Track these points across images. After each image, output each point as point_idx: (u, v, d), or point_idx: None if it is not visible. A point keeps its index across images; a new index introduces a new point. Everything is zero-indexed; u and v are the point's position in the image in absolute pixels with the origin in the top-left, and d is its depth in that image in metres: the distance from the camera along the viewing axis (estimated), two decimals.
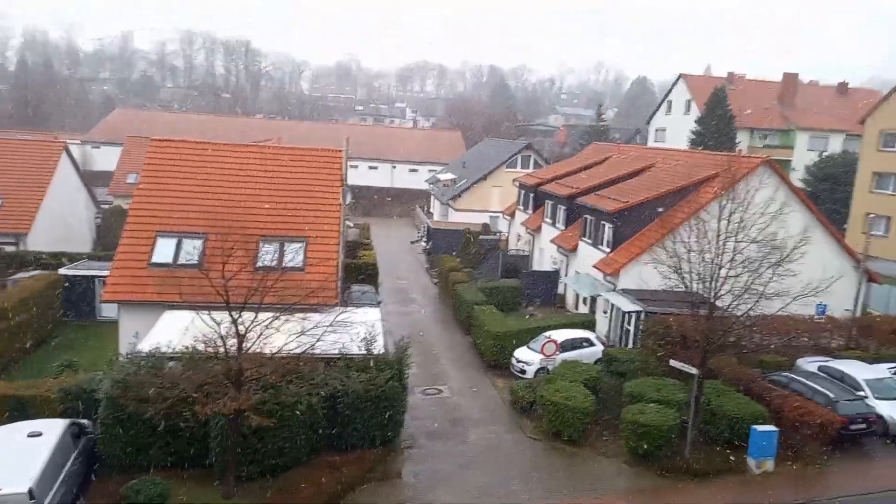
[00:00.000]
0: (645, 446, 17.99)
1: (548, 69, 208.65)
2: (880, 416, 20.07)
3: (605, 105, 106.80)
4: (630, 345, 25.83)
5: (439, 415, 21.29)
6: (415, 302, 35.86)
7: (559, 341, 23.59)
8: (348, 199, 37.32)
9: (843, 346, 26.29)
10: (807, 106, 68.43)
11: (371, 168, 74.80)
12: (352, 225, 46.53)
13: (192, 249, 21.81)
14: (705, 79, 75.55)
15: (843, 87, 73.24)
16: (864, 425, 19.45)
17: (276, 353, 15.62)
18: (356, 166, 68.90)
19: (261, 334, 15.42)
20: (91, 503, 15.31)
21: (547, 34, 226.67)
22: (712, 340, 19.39)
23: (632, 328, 25.98)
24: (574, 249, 33.41)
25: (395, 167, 76.74)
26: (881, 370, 22.69)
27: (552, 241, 36.30)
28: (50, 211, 36.21)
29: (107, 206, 45.73)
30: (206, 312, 15.37)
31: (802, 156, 63.60)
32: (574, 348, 24.55)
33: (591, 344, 25.30)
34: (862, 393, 20.73)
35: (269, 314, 15.80)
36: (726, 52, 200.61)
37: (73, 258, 31.84)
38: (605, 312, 28.64)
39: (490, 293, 31.36)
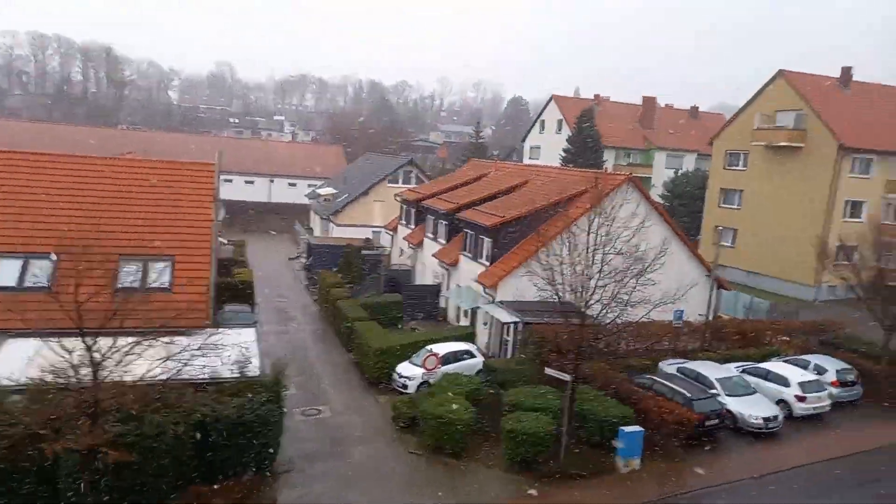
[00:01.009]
0: (523, 454, 18.51)
1: (429, 86, 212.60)
2: (730, 412, 22.01)
3: (483, 123, 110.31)
4: (509, 355, 26.57)
5: (319, 436, 20.71)
6: (294, 320, 34.83)
7: (440, 354, 23.81)
8: (221, 214, 35.75)
9: (699, 349, 28.63)
10: (664, 127, 74.56)
11: (247, 182, 72.14)
12: (226, 242, 44.49)
13: (39, 271, 19.84)
14: (574, 100, 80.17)
15: (694, 111, 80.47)
16: (717, 421, 21.21)
17: (137, 380, 14.52)
18: (231, 180, 66.24)
19: (120, 361, 14.27)
20: None
21: (428, 52, 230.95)
22: (584, 347, 20.44)
23: (511, 339, 26.76)
24: (455, 263, 33.98)
25: (273, 181, 74.50)
26: (730, 369, 24.90)
27: (434, 255, 36.72)
28: None
29: None
30: (56, 340, 14.01)
31: (661, 173, 69.14)
32: (456, 361, 24.85)
33: (472, 356, 25.75)
34: (714, 391, 22.62)
35: (131, 339, 14.67)
36: (593, 74, 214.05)
37: None
38: (485, 324, 29.30)
39: (372, 309, 31.10)
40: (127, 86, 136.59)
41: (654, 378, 23.11)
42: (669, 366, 25.37)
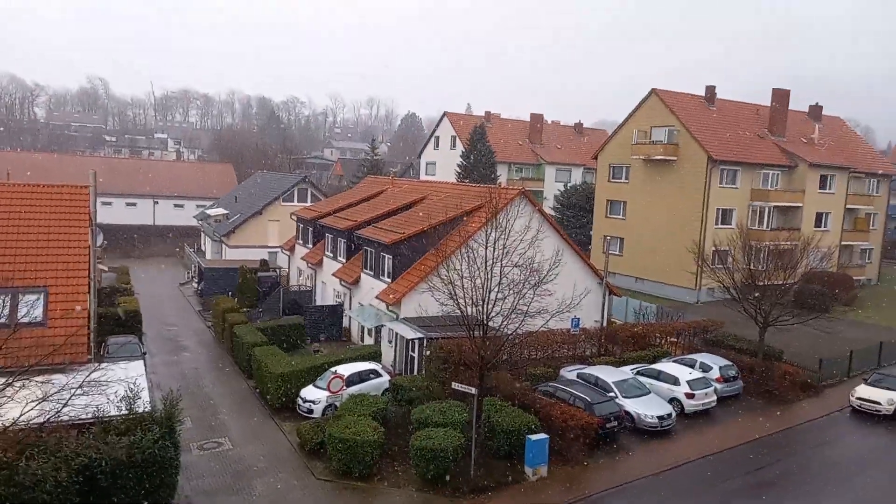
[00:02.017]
0: (433, 471, 18.42)
1: (321, 102, 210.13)
2: (628, 413, 23.06)
3: (378, 139, 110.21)
4: (415, 372, 26.48)
5: (219, 470, 19.60)
6: (187, 349, 32.92)
7: (346, 376, 23.33)
8: (100, 240, 33.39)
9: (596, 354, 29.86)
10: (551, 142, 77.87)
11: (129, 205, 67.74)
12: (107, 269, 41.51)
13: None
14: (467, 117, 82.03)
15: (579, 127, 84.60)
16: (616, 423, 22.13)
17: (10, 426, 13.14)
18: (110, 203, 62.03)
19: None
20: None
21: (318, 67, 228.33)
22: (487, 359, 20.77)
23: (416, 355, 26.69)
24: (356, 282, 33.53)
25: (157, 203, 70.39)
26: (625, 372, 26.13)
27: (334, 274, 36.07)
28: None
29: None
30: None
31: (552, 186, 72.05)
32: (361, 381, 24.42)
33: (378, 375, 25.40)
34: (612, 394, 23.63)
35: (2, 380, 13.26)
36: (482, 91, 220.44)
37: None
38: (390, 342, 29.06)
39: (272, 332, 30.01)
40: None
41: (557, 385, 23.81)
42: (570, 372, 26.25)
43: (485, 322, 20.70)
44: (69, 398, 14.24)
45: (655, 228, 48.76)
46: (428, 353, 25.38)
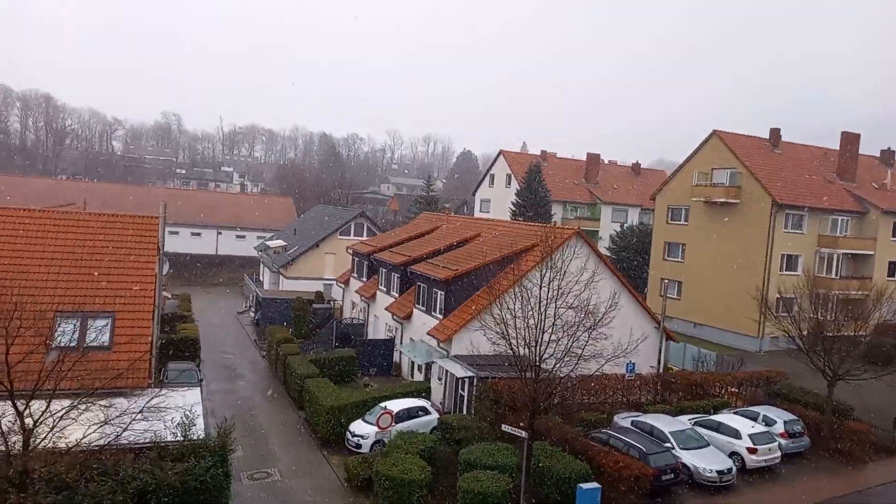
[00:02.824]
0: None
1: (380, 139, 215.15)
2: (685, 465, 22.09)
3: (434, 176, 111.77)
4: (465, 411, 26.19)
5: (268, 500, 19.71)
6: (242, 378, 33.60)
7: (395, 412, 23.26)
8: (166, 269, 34.66)
9: (651, 401, 28.88)
10: (608, 182, 77.20)
11: (194, 235, 70.47)
12: (170, 296, 43.04)
13: None
14: (522, 155, 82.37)
15: (636, 167, 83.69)
16: (672, 475, 21.22)
17: (73, 447, 13.59)
18: (177, 233, 64.63)
19: (54, 426, 13.36)
20: None
21: (378, 105, 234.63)
22: (538, 402, 20.35)
23: (466, 394, 26.43)
24: (408, 317, 33.66)
25: (220, 233, 72.99)
26: (683, 422, 25.13)
27: (387, 308, 36.34)
28: None
29: None
30: None
31: (607, 227, 71.12)
32: (410, 418, 24.32)
33: (427, 412, 25.25)
34: (668, 444, 22.72)
35: (66, 402, 13.79)
36: (538, 130, 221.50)
37: None
38: (439, 379, 28.91)
39: (324, 365, 30.34)
40: (68, 135, 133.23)
41: (610, 432, 23.09)
42: (624, 419, 25.44)
43: (537, 364, 20.36)
44: (129, 423, 14.64)
45: (716, 272, 47.31)
46: (477, 392, 25.09)
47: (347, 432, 23.97)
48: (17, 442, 13.05)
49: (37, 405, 13.35)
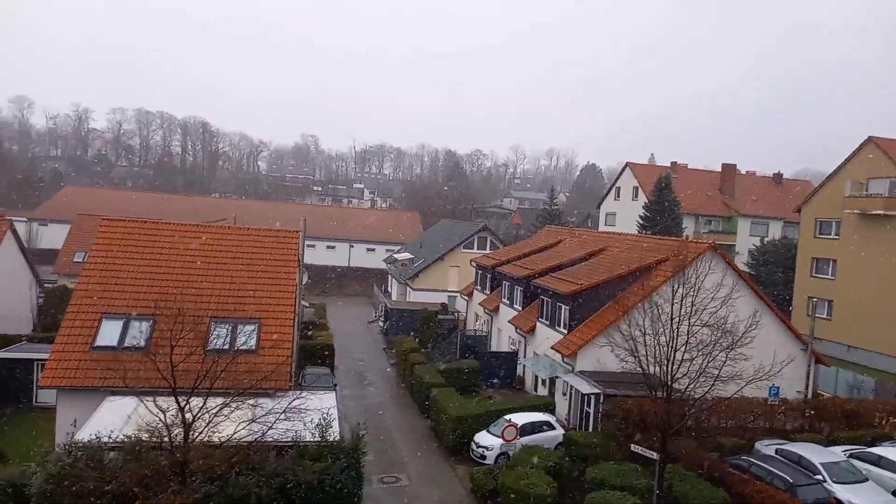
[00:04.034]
0: None
1: (502, 153, 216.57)
2: (839, 501, 20.09)
3: (557, 189, 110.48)
4: (590, 428, 25.58)
5: None
6: (372, 384, 35.00)
7: (519, 425, 23.19)
8: (305, 279, 36.90)
9: (799, 429, 26.58)
10: (746, 194, 72.33)
11: (329, 248, 74.70)
12: (307, 305, 45.77)
13: (138, 332, 20.98)
14: (650, 167, 79.37)
15: (778, 178, 77.82)
16: None
17: (224, 442, 14.84)
18: (313, 246, 68.69)
19: (209, 422, 14.68)
20: None
21: (500, 122, 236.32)
22: (671, 423, 19.42)
23: (592, 411, 25.81)
24: (532, 331, 33.49)
25: (352, 247, 76.80)
26: (836, 453, 22.90)
27: (510, 321, 36.38)
28: None
29: (50, 285, 43.96)
30: (151, 399, 14.62)
31: (745, 241, 66.58)
32: (534, 432, 24.15)
33: (552, 427, 24.94)
34: (819, 477, 20.79)
35: (219, 400, 15.10)
36: (666, 141, 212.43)
37: (11, 340, 30.20)
38: (564, 395, 28.46)
39: (449, 375, 30.90)
40: (220, 157, 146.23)
41: (751, 460, 21.54)
42: (767, 447, 23.62)
43: (669, 383, 19.47)
44: (273, 422, 15.77)
45: (874, 291, 42.76)
46: (604, 410, 24.41)
47: (472, 443, 24.22)
48: (178, 434, 14.41)
49: (195, 402, 14.69)
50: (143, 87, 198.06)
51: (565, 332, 29.77)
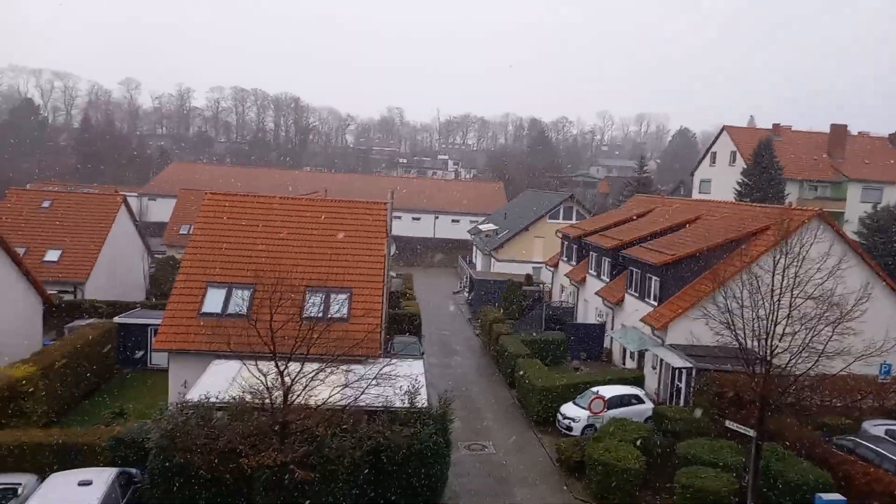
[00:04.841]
0: None
1: (589, 120, 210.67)
2: None
3: (647, 156, 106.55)
4: (681, 403, 24.92)
5: (483, 472, 20.74)
6: (457, 354, 35.54)
7: (607, 398, 22.92)
8: (392, 250, 37.68)
9: None
10: (857, 157, 66.86)
11: (414, 219, 75.78)
12: (395, 275, 46.80)
13: (240, 300, 22.21)
14: (749, 130, 74.76)
15: (894, 138, 71.40)
16: None
17: (320, 405, 15.57)
18: (399, 217, 69.83)
19: (306, 386, 15.42)
20: None
21: (587, 87, 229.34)
22: (770, 400, 18.58)
23: (683, 385, 25.12)
24: (620, 302, 32.81)
25: (437, 218, 77.56)
26: None
27: (597, 293, 35.78)
28: (107, 260, 37.63)
29: (160, 256, 47.25)
30: (253, 363, 15.51)
31: (855, 208, 61.77)
32: (622, 405, 23.81)
33: (641, 401, 24.51)
34: None
35: (315, 365, 15.81)
36: (765, 103, 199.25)
37: (127, 307, 32.78)
38: (654, 368, 27.82)
39: (534, 346, 30.89)
40: (310, 132, 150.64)
41: (858, 440, 20.33)
42: (876, 427, 22.21)
43: (768, 358, 18.58)
44: (366, 387, 16.38)
45: None
46: (697, 384, 23.68)
47: (558, 414, 24.22)
48: (278, 397, 15.24)
49: (292, 366, 15.46)
50: (238, 65, 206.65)
51: (655, 304, 28.96)
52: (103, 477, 15.33)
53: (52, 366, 22.64)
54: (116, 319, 29.61)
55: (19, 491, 15.53)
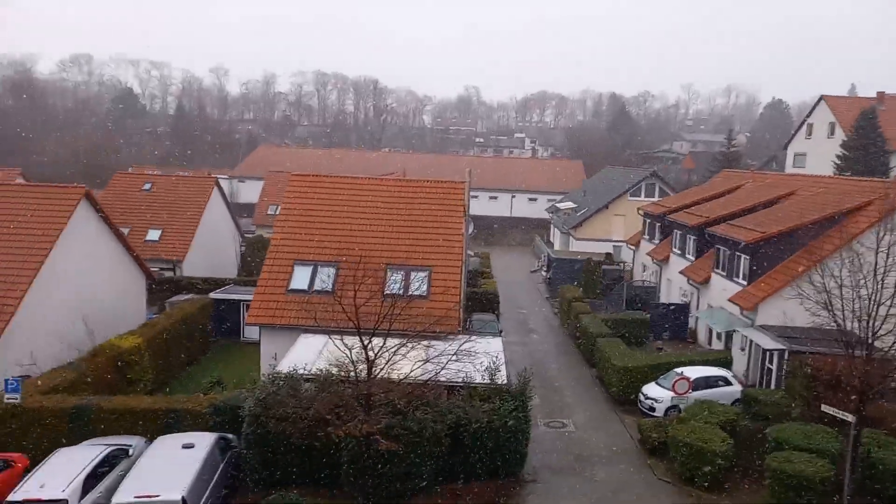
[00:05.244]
0: (792, 499, 16.44)
1: (673, 94, 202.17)
2: None
3: (735, 130, 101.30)
4: (772, 386, 23.93)
5: (563, 449, 20.74)
6: (535, 332, 35.46)
7: (692, 379, 22.31)
8: (470, 228, 37.87)
9: None
10: None
11: (491, 198, 75.64)
12: (473, 254, 47.05)
13: (325, 277, 23.02)
14: (850, 100, 69.63)
15: None
16: None
17: (403, 379, 15.99)
18: (476, 196, 69.94)
19: (389, 360, 15.87)
20: None
21: (670, 60, 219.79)
22: (870, 384, 17.54)
23: (774, 368, 24.08)
24: (706, 282, 31.68)
25: (514, 197, 77.08)
26: None
27: (681, 272, 34.67)
28: (202, 240, 39.83)
29: (250, 236, 49.52)
30: (339, 337, 16.10)
31: None
32: (708, 387, 23.13)
33: (728, 383, 23.71)
34: None
35: (397, 341, 16.23)
36: (867, 71, 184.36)
37: (220, 283, 34.66)
38: (742, 350, 26.79)
39: (615, 325, 30.40)
40: (388, 113, 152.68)
41: None
42: None
43: (869, 341, 17.51)
44: (446, 363, 16.69)
45: None
46: (790, 367, 22.62)
47: (640, 394, 23.82)
48: (362, 370, 15.78)
49: (375, 341, 15.94)
50: (321, 50, 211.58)
51: (745, 283, 27.79)
52: (205, 441, 16.44)
53: (156, 338, 24.37)
54: (212, 295, 31.38)
55: (130, 452, 16.90)
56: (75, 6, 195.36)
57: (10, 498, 14.30)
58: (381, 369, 15.85)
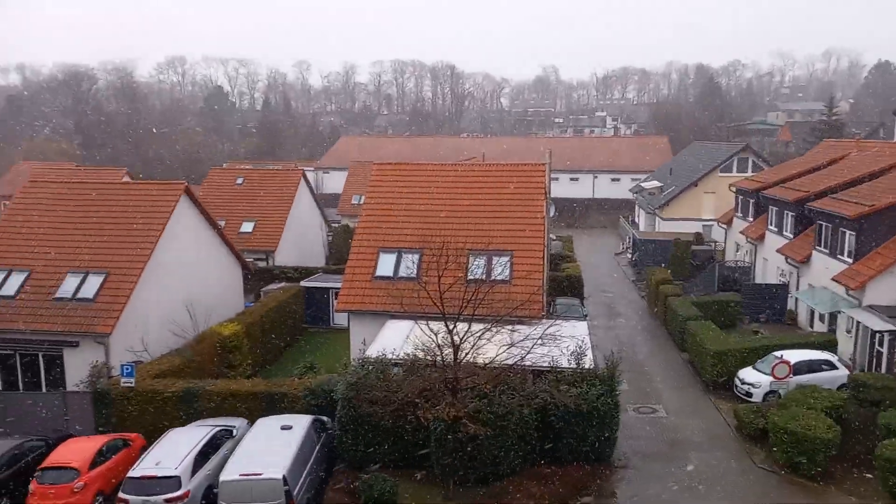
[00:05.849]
0: None
1: (766, 62, 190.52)
2: None
3: (837, 97, 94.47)
4: (883, 369, 22.39)
5: (654, 435, 20.27)
6: (621, 316, 34.69)
7: (792, 363, 21.18)
8: (552, 211, 37.40)
9: None
10: None
11: (572, 180, 74.18)
12: (554, 237, 46.45)
13: (410, 263, 23.40)
14: None
15: None
16: None
17: (488, 363, 16.10)
18: (557, 178, 68.75)
19: (474, 345, 16.00)
20: (331, 492, 17.04)
21: (761, 26, 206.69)
22: None
23: (885, 350, 22.50)
24: (805, 260, 29.89)
25: (596, 177, 75.29)
26: None
27: (778, 251, 32.85)
28: (292, 230, 41.45)
29: (336, 225, 51.05)
30: (424, 322, 16.38)
31: None
32: (811, 371, 21.89)
33: (833, 367, 22.37)
34: None
35: (481, 325, 16.32)
36: None
37: (310, 272, 35.99)
38: (848, 332, 25.17)
39: (706, 307, 29.24)
40: (466, 98, 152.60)
41: None
42: None
43: None
44: (531, 347, 16.65)
45: None
46: None
47: (736, 379, 22.89)
48: (448, 355, 16.00)
49: (460, 326, 16.10)
50: (399, 40, 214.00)
51: (850, 261, 26.03)
52: (302, 423, 17.24)
53: (254, 325, 25.67)
54: (303, 283, 32.64)
55: (234, 432, 17.98)
56: (170, 11, 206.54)
57: (130, 474, 15.58)
58: (467, 354, 16.01)
